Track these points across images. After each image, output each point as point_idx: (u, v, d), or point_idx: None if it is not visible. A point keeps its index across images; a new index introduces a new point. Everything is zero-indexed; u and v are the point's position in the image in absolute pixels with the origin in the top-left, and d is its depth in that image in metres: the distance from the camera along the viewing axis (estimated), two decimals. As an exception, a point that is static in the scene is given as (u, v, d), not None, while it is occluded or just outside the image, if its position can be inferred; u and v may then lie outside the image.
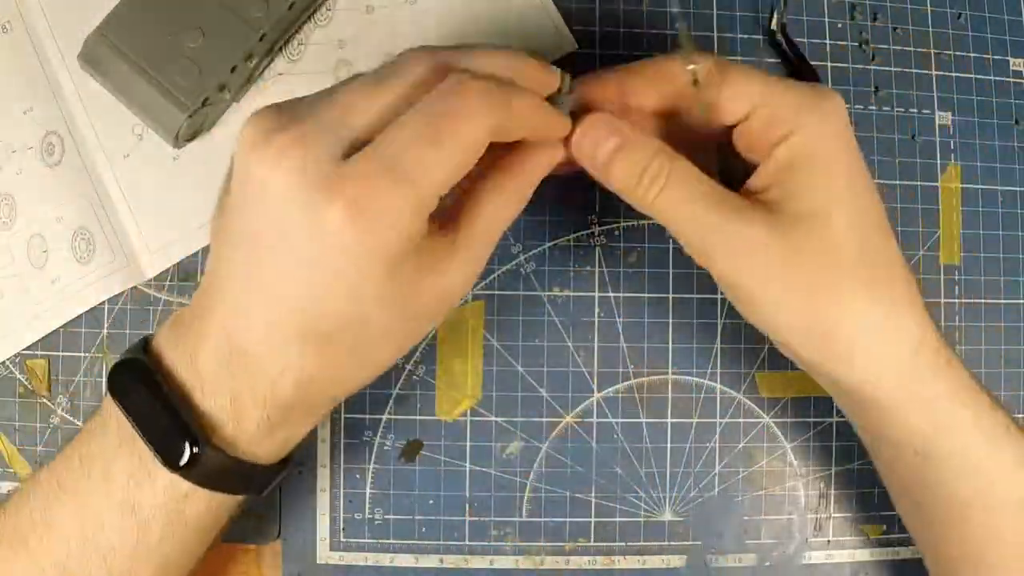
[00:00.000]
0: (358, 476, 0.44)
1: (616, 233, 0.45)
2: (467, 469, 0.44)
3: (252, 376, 0.31)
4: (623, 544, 0.45)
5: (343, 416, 0.44)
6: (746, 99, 0.33)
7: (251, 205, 0.30)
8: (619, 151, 0.33)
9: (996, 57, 0.47)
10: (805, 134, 0.32)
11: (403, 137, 0.29)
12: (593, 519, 0.45)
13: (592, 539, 0.45)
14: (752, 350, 0.45)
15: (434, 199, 0.29)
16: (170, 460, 0.31)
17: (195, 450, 0.31)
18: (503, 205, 0.33)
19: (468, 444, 0.44)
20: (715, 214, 0.32)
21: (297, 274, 0.29)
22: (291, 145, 0.28)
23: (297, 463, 0.44)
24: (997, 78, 0.47)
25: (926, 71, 0.47)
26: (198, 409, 0.32)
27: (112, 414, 0.33)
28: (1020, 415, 0.46)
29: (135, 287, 0.44)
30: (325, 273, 0.29)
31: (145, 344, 0.34)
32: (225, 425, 0.32)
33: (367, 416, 0.44)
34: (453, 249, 0.32)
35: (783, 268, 0.32)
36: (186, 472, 0.31)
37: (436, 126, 0.29)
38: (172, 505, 0.32)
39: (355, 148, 0.29)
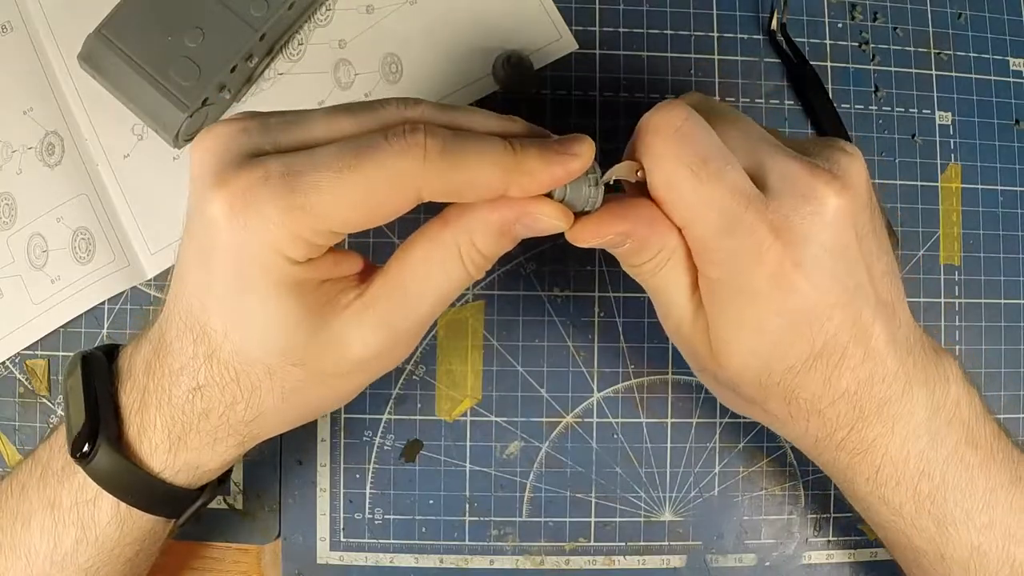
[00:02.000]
0: (358, 476, 0.44)
1: (616, 233, 0.45)
2: (467, 469, 0.44)
3: (163, 370, 0.30)
4: (623, 544, 0.45)
5: (343, 416, 0.44)
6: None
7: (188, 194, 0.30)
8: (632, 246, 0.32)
9: (996, 57, 0.47)
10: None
11: (314, 158, 0.27)
12: (593, 519, 0.45)
13: (592, 539, 0.45)
14: (752, 350, 0.45)
15: (324, 233, 0.27)
16: (76, 449, 0.31)
17: (94, 443, 0.31)
18: (431, 262, 0.29)
19: (468, 444, 0.44)
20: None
21: (195, 261, 0.29)
22: (219, 137, 0.28)
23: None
24: (997, 78, 0.47)
25: (926, 71, 0.47)
26: (120, 406, 0.32)
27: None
28: (1020, 415, 0.46)
29: (135, 287, 0.44)
30: (212, 264, 0.28)
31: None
32: (132, 425, 0.31)
33: (367, 416, 0.44)
34: (358, 305, 0.29)
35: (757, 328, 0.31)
36: (84, 463, 0.31)
37: (349, 159, 0.27)
38: (84, 508, 0.32)
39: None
